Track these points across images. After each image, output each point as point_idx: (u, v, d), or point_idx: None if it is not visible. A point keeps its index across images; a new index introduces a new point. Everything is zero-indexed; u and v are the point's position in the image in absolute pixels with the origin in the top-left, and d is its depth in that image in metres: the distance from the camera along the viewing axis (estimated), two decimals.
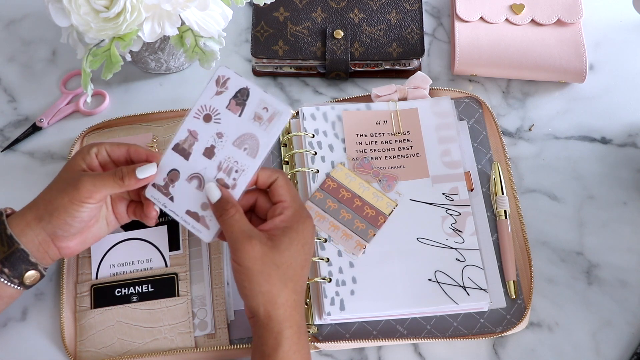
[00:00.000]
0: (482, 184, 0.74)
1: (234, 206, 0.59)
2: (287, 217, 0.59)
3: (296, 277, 0.58)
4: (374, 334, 0.68)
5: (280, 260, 0.57)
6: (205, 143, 0.62)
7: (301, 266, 0.59)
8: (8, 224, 0.61)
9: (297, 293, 0.58)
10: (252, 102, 0.60)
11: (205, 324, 0.68)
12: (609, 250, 0.72)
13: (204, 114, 0.62)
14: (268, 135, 0.61)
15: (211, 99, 0.62)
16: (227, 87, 0.61)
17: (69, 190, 0.60)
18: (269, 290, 0.57)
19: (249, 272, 0.57)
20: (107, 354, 0.67)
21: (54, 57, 0.85)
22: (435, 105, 0.76)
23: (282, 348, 0.57)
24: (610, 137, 0.79)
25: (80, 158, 0.63)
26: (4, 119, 0.81)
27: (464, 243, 0.70)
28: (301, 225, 0.59)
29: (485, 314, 0.68)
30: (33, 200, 0.63)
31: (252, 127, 0.61)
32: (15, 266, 0.61)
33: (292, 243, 0.58)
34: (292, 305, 0.58)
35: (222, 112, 0.61)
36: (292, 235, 0.58)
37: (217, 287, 0.69)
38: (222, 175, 0.62)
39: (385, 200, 0.71)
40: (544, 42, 0.80)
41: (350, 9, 0.82)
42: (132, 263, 0.70)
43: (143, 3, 0.66)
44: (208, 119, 0.62)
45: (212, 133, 0.62)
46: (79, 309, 0.69)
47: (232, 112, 0.61)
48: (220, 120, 0.62)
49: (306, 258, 0.59)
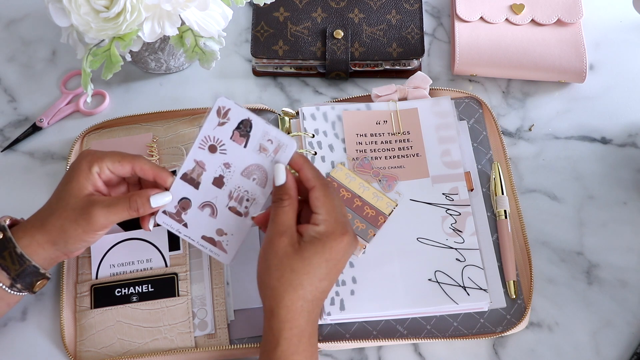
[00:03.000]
0: (482, 184, 0.74)
1: (290, 197, 0.59)
2: (319, 230, 0.58)
3: (311, 286, 0.58)
4: (374, 334, 0.68)
5: (298, 266, 0.57)
6: (213, 173, 0.62)
7: (320, 278, 0.58)
8: (17, 242, 0.61)
9: (306, 301, 0.58)
10: (256, 133, 0.60)
11: (205, 324, 0.68)
12: (609, 250, 0.72)
13: (208, 144, 0.61)
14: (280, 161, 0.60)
15: (214, 129, 0.61)
16: (229, 118, 0.60)
17: (82, 222, 0.61)
18: (276, 287, 0.57)
19: (267, 263, 0.58)
20: (107, 354, 0.67)
21: (54, 57, 0.85)
22: (435, 105, 0.76)
23: (280, 347, 0.57)
24: (610, 137, 0.79)
25: (84, 179, 0.62)
26: (4, 119, 0.81)
27: (464, 243, 0.70)
28: (331, 242, 0.58)
29: (485, 314, 0.68)
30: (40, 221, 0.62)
31: (259, 159, 0.60)
32: (26, 280, 0.62)
33: (316, 255, 0.58)
34: (297, 309, 0.57)
35: (226, 142, 0.61)
36: (318, 247, 0.58)
37: (217, 287, 0.69)
38: (234, 203, 0.62)
39: (385, 200, 0.71)
40: (544, 42, 0.80)
41: (350, 9, 0.82)
42: (132, 263, 0.70)
43: (143, 3, 0.66)
44: (214, 149, 0.61)
45: (219, 163, 0.62)
46: (79, 309, 0.69)
47: (237, 143, 0.60)
48: (226, 151, 0.61)
49: (328, 272, 0.58)
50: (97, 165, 0.62)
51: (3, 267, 0.61)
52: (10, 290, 0.62)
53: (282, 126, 0.77)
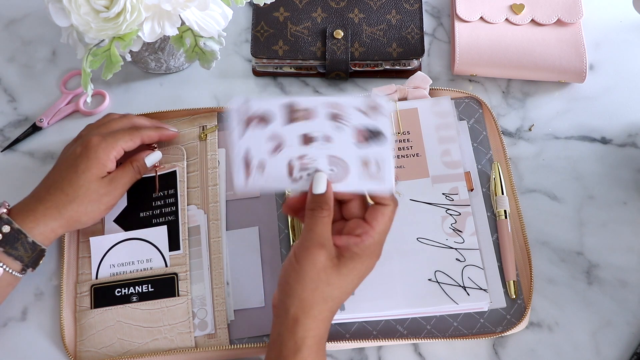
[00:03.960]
0: (482, 184, 0.74)
1: (329, 208, 0.57)
2: (364, 245, 0.57)
3: (339, 299, 0.58)
4: (374, 334, 0.68)
5: (335, 281, 0.57)
6: (311, 130, 0.57)
7: (348, 293, 0.59)
8: (28, 232, 0.64)
9: (332, 312, 0.58)
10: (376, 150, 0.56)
11: (205, 324, 0.68)
12: (609, 250, 0.72)
13: (334, 111, 0.57)
14: (356, 185, 0.57)
15: (351, 108, 0.57)
16: (371, 118, 0.56)
17: (108, 200, 0.68)
18: (308, 298, 0.56)
19: (302, 274, 0.56)
20: (107, 354, 0.67)
21: (54, 57, 0.85)
22: (435, 105, 0.76)
23: (301, 354, 0.56)
24: (610, 137, 0.79)
25: (102, 166, 0.67)
26: (4, 119, 0.81)
27: (464, 243, 0.69)
28: (369, 260, 0.59)
29: (485, 314, 0.68)
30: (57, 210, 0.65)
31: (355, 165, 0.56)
32: (37, 262, 0.67)
33: (354, 271, 0.58)
34: (322, 319, 0.58)
35: (348, 127, 0.56)
36: (357, 264, 0.58)
37: (217, 287, 0.69)
38: (296, 163, 0.58)
39: None
40: (544, 42, 0.80)
41: (350, 9, 0.82)
42: (132, 263, 0.70)
43: (143, 3, 0.66)
44: (334, 118, 0.57)
45: (325, 131, 0.57)
46: (79, 309, 0.69)
47: (354, 137, 0.56)
48: (340, 130, 0.57)
49: (355, 286, 0.60)
50: (114, 152, 0.68)
51: (16, 257, 0.64)
52: (20, 274, 0.65)
53: None
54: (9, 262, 0.64)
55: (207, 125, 0.77)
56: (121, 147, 0.68)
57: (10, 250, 0.63)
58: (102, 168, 0.67)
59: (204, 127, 0.77)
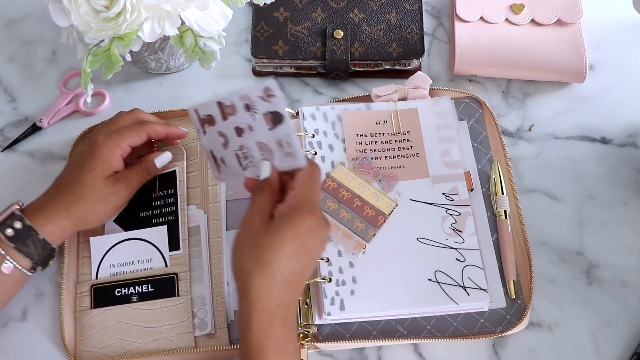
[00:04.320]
0: (482, 184, 0.74)
1: (270, 188, 0.60)
2: (289, 204, 0.58)
3: (279, 264, 0.56)
4: (374, 334, 0.68)
5: (266, 242, 0.56)
6: (239, 122, 0.62)
7: (287, 255, 0.56)
8: (39, 230, 0.65)
9: (275, 280, 0.56)
10: (282, 130, 0.60)
11: (205, 324, 0.68)
12: (609, 250, 0.72)
13: (245, 102, 0.61)
14: (281, 164, 0.61)
15: (256, 97, 0.60)
16: (270, 101, 0.60)
17: (112, 199, 0.68)
18: (246, 267, 0.56)
19: (240, 243, 0.58)
20: (107, 354, 0.67)
21: (54, 57, 0.85)
22: (435, 105, 0.76)
23: (251, 331, 0.56)
24: (610, 137, 0.79)
25: (108, 165, 0.67)
26: (4, 119, 0.81)
27: (464, 243, 0.70)
28: (298, 216, 0.57)
29: (485, 314, 0.68)
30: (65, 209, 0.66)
31: (274, 147, 0.61)
32: (47, 261, 0.67)
33: (283, 230, 0.57)
34: (266, 289, 0.56)
35: (259, 114, 0.61)
36: (285, 222, 0.57)
37: (217, 287, 0.69)
38: (240, 154, 0.63)
39: (385, 200, 0.71)
40: (544, 42, 0.80)
41: (350, 9, 0.82)
42: (132, 263, 0.70)
43: (143, 3, 0.66)
44: (248, 109, 0.61)
45: (246, 121, 0.61)
46: (79, 309, 0.69)
47: (266, 122, 0.60)
48: (255, 118, 0.61)
49: (296, 250, 0.57)
50: (119, 149, 0.68)
51: (26, 253, 0.64)
52: (29, 272, 0.65)
53: None
54: (19, 259, 0.64)
55: None
56: (127, 143, 0.68)
57: (21, 246, 0.64)
58: (107, 167, 0.67)
59: None
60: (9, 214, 0.64)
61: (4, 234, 0.63)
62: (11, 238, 0.63)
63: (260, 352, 0.55)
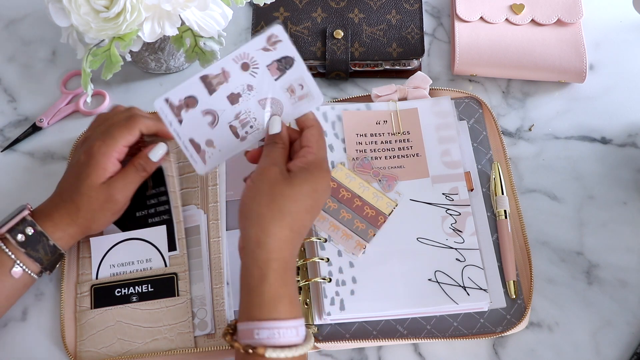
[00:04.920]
0: (482, 184, 0.74)
1: (284, 142, 0.62)
2: (308, 160, 0.60)
3: (297, 215, 0.58)
4: (374, 334, 0.68)
5: (288, 192, 0.58)
6: (233, 88, 0.62)
7: (306, 210, 0.58)
8: (50, 236, 0.65)
9: (293, 231, 0.58)
10: (293, 73, 0.60)
11: (205, 323, 0.68)
12: (609, 250, 0.72)
13: (242, 61, 0.61)
14: (293, 111, 0.61)
15: (256, 51, 0.60)
16: (276, 48, 0.60)
17: (109, 207, 0.66)
18: (264, 214, 0.57)
19: (257, 190, 0.58)
20: (107, 354, 0.67)
21: (54, 57, 0.85)
22: (435, 105, 0.76)
23: (267, 280, 0.56)
24: (610, 137, 0.79)
25: (102, 171, 0.65)
26: (4, 119, 0.81)
27: (464, 243, 0.70)
28: (318, 172, 0.60)
29: (485, 314, 0.68)
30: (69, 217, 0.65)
31: (282, 96, 0.60)
32: (55, 266, 0.67)
33: (305, 183, 0.58)
34: (284, 239, 0.57)
35: (261, 67, 0.60)
36: (306, 176, 0.59)
37: (217, 287, 0.69)
38: (237, 123, 0.62)
39: (385, 200, 0.71)
40: (544, 42, 0.80)
41: (350, 9, 0.82)
42: (132, 263, 0.70)
43: (143, 3, 0.66)
44: (246, 67, 0.61)
45: (243, 82, 0.61)
46: (79, 309, 0.69)
47: (270, 73, 0.60)
48: (256, 75, 0.61)
49: (313, 205, 0.59)
50: (115, 154, 0.66)
51: (36, 258, 0.64)
52: (38, 276, 0.66)
53: None
54: (29, 264, 0.64)
55: None
56: (121, 145, 0.66)
57: (31, 252, 0.64)
58: (102, 173, 0.65)
59: None
60: (20, 219, 0.64)
61: (15, 239, 0.63)
62: (22, 243, 0.64)
63: (276, 300, 0.56)
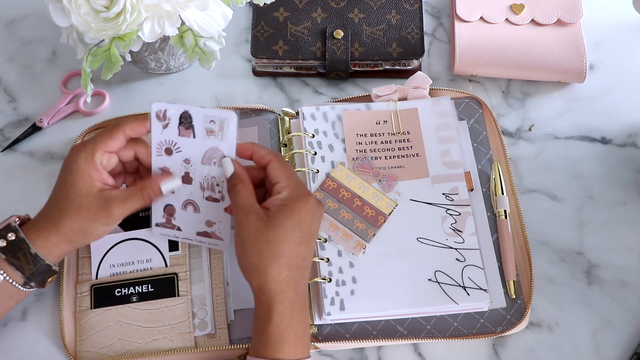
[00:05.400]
0: (482, 184, 0.74)
1: (242, 181, 0.61)
2: (284, 196, 0.60)
3: (290, 253, 0.59)
4: (374, 334, 0.68)
5: (273, 236, 0.58)
6: (180, 173, 0.64)
7: (297, 243, 0.59)
8: (32, 244, 0.62)
9: (290, 269, 0.59)
10: (198, 121, 0.62)
11: (205, 324, 0.68)
12: (609, 250, 0.72)
13: (164, 148, 0.63)
14: (227, 143, 0.62)
15: (162, 134, 0.63)
16: (169, 118, 0.62)
17: (101, 219, 0.62)
18: (259, 264, 0.58)
19: (244, 244, 0.59)
20: (107, 354, 0.67)
21: (54, 57, 0.85)
22: (435, 105, 0.76)
23: (273, 321, 0.57)
24: (610, 137, 0.79)
25: (88, 177, 0.61)
26: (4, 119, 0.81)
27: (464, 243, 0.70)
28: (297, 204, 0.59)
29: (485, 314, 0.68)
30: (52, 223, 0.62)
31: (210, 142, 0.62)
32: (39, 278, 0.63)
33: (287, 220, 0.59)
34: (284, 280, 0.58)
35: (177, 140, 0.63)
36: (286, 212, 0.59)
37: (217, 287, 0.69)
38: (209, 192, 0.64)
39: (385, 200, 0.71)
40: (544, 42, 0.80)
41: (350, 9, 0.82)
42: (132, 263, 0.70)
43: (143, 3, 0.66)
44: (170, 152, 0.63)
45: (180, 162, 0.64)
46: (79, 309, 0.69)
47: (186, 137, 0.62)
48: (180, 149, 0.63)
49: (303, 235, 0.59)
50: (96, 158, 0.62)
51: (17, 267, 0.62)
52: (23, 288, 0.63)
53: (282, 126, 0.77)
54: (10, 272, 0.62)
55: None
56: (101, 149, 0.62)
57: (11, 259, 0.62)
58: (88, 180, 0.61)
59: None
60: (5, 225, 0.62)
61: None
62: (2, 249, 0.61)
63: (280, 341, 0.57)
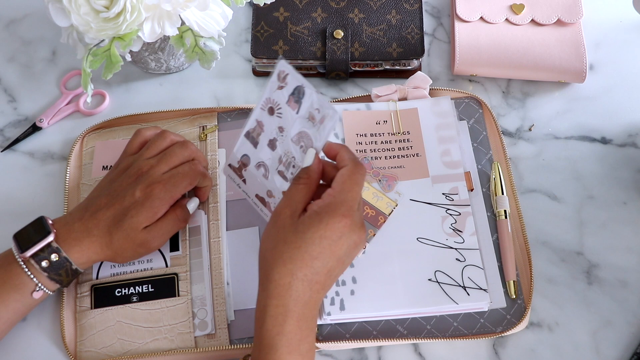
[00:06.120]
0: (482, 184, 0.74)
1: (309, 179, 0.59)
2: (323, 203, 0.57)
3: (302, 262, 0.55)
4: (374, 334, 0.68)
5: (291, 238, 0.56)
6: (269, 135, 0.63)
7: (312, 256, 0.55)
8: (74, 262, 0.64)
9: (296, 278, 0.55)
10: (307, 101, 0.59)
11: (205, 324, 0.68)
12: (609, 250, 0.72)
13: (268, 106, 0.62)
14: (320, 137, 0.59)
15: (274, 92, 0.61)
16: (287, 83, 0.60)
17: (142, 251, 0.67)
18: (267, 259, 0.56)
19: (267, 232, 0.58)
20: (107, 354, 0.67)
21: (54, 57, 0.85)
22: (435, 105, 0.76)
23: (265, 325, 0.55)
24: (610, 137, 0.79)
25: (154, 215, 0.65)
26: (4, 119, 0.81)
27: (464, 243, 0.70)
28: (328, 218, 0.56)
29: (485, 314, 0.68)
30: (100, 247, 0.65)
31: (307, 126, 0.60)
32: (70, 282, 0.67)
33: (310, 229, 0.56)
34: (284, 286, 0.55)
35: (283, 106, 0.61)
36: (314, 221, 0.56)
37: (217, 287, 0.69)
38: (282, 168, 0.63)
39: (385, 200, 0.71)
40: (544, 42, 0.80)
41: (350, 9, 0.82)
42: (133, 263, 0.70)
43: (143, 3, 0.66)
44: (272, 112, 0.62)
45: (275, 126, 0.62)
46: (79, 309, 0.69)
47: (291, 108, 0.60)
48: (281, 115, 0.61)
49: (321, 252, 0.55)
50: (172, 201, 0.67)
51: (57, 281, 0.64)
52: (52, 292, 0.66)
53: None
54: (49, 285, 0.64)
55: (207, 125, 0.77)
56: (180, 194, 0.67)
57: (53, 275, 0.64)
58: (152, 217, 0.65)
59: (204, 128, 0.77)
60: (45, 244, 0.63)
61: (39, 265, 0.63)
62: (45, 268, 0.63)
63: (271, 347, 0.55)
